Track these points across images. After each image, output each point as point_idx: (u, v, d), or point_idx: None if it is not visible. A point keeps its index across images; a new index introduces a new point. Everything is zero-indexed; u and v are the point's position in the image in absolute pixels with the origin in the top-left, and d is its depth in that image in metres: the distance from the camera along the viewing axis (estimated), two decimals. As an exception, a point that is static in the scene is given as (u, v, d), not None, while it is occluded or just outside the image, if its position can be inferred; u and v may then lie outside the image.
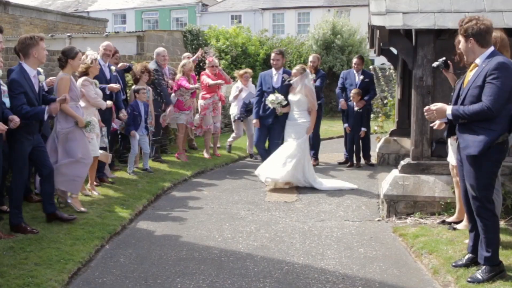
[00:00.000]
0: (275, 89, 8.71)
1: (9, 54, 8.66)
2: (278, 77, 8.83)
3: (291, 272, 5.00)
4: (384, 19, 6.44)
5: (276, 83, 8.81)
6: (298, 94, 8.53)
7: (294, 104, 8.57)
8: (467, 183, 4.59)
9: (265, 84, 8.90)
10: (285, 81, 8.68)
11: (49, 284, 4.55)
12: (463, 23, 4.50)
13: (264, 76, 9.01)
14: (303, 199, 7.87)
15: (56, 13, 21.99)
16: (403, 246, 5.75)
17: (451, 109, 4.53)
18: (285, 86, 8.69)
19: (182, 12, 35.43)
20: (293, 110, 8.60)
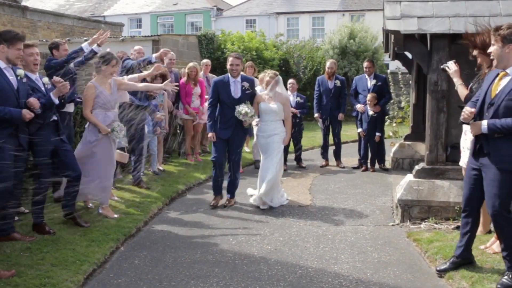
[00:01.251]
0: (236, 100, 7.50)
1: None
2: (236, 86, 7.57)
3: (304, 276, 5.01)
4: (399, 23, 6.44)
5: (235, 92, 7.53)
6: (274, 103, 7.67)
7: (271, 114, 7.67)
8: (490, 192, 4.60)
9: (222, 94, 7.53)
10: (246, 90, 7.58)
11: (65, 284, 4.61)
12: (502, 29, 4.47)
13: (218, 84, 7.63)
14: (317, 203, 7.87)
15: (73, 18, 22.21)
16: (417, 251, 5.73)
17: (487, 123, 4.52)
18: (247, 96, 7.59)
19: (197, 16, 35.57)
20: (268, 121, 7.68)
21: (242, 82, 7.59)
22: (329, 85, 10.62)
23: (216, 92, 7.56)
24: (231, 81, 7.56)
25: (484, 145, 4.62)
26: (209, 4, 35.44)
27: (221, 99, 7.53)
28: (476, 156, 4.73)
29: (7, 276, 4.62)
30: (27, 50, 5.65)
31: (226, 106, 7.50)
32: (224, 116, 7.52)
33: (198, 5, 35.62)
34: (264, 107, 7.67)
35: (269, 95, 7.72)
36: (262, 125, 7.75)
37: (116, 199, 7.50)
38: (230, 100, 7.49)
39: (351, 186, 8.98)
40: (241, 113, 7.37)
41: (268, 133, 7.67)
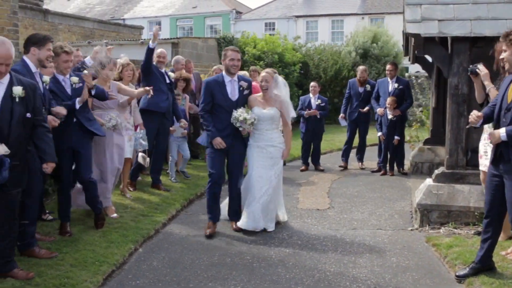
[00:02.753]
0: (234, 103, 6.43)
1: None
2: (233, 86, 6.50)
3: (322, 279, 4.99)
4: (419, 26, 6.40)
5: (232, 94, 6.46)
6: (271, 108, 6.54)
7: (267, 121, 6.50)
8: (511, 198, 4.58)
9: (217, 96, 6.42)
10: (244, 90, 6.55)
11: (84, 285, 4.65)
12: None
13: (211, 84, 6.48)
14: (336, 207, 7.85)
15: (93, 21, 22.43)
16: (436, 256, 5.67)
17: (505, 130, 4.49)
18: (245, 98, 6.57)
19: (217, 19, 35.72)
20: (263, 129, 6.51)
21: (239, 81, 6.57)
22: (359, 89, 10.74)
23: (209, 94, 6.43)
24: (227, 81, 6.49)
25: (504, 152, 4.58)
26: (228, 7, 35.58)
27: (216, 102, 6.42)
28: (497, 163, 4.68)
29: (24, 277, 4.67)
30: (65, 57, 5.82)
31: (222, 111, 6.41)
32: (220, 122, 6.40)
33: (217, 8, 35.77)
34: (258, 112, 6.46)
35: (270, 98, 6.59)
36: (255, 135, 6.56)
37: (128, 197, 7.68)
38: (227, 102, 6.40)
39: (369, 190, 8.93)
40: (238, 120, 6.26)
41: (263, 142, 6.53)
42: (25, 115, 4.53)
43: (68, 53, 5.82)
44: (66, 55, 5.80)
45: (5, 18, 8.56)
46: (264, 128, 6.53)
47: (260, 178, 6.45)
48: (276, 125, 6.69)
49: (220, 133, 6.35)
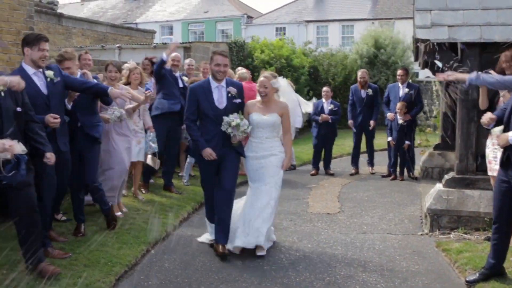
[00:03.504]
0: (221, 111, 5.77)
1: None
2: (221, 93, 5.84)
3: (332, 283, 5.04)
4: (429, 32, 6.44)
5: (219, 101, 5.80)
6: (271, 114, 5.94)
7: (267, 128, 5.94)
8: None
9: (202, 104, 5.79)
10: (233, 97, 5.85)
11: (97, 285, 4.74)
12: None
13: (196, 91, 5.85)
14: (346, 211, 7.89)
15: (106, 25, 22.63)
16: (446, 261, 5.70)
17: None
18: (234, 105, 5.86)
19: (228, 24, 35.87)
20: (262, 137, 5.95)
21: (227, 87, 5.89)
22: (362, 94, 10.79)
23: (194, 102, 5.81)
24: (213, 87, 5.84)
25: (511, 156, 4.60)
26: (240, 12, 35.74)
27: (202, 111, 5.80)
28: (505, 168, 4.71)
29: (50, 271, 4.75)
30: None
31: (208, 120, 5.80)
32: (207, 133, 5.80)
33: (228, 13, 35.94)
34: (257, 119, 5.90)
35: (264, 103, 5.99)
36: (253, 144, 6.00)
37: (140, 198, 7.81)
38: (213, 111, 5.75)
39: (379, 195, 8.96)
40: (230, 125, 5.64)
41: (262, 153, 5.94)
42: (15, 109, 4.57)
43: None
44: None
45: (21, 22, 8.66)
46: (264, 136, 5.96)
47: (260, 191, 5.91)
48: (277, 133, 6.10)
49: (209, 143, 5.74)
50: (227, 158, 5.85)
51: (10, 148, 4.21)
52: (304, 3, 35.47)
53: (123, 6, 41.32)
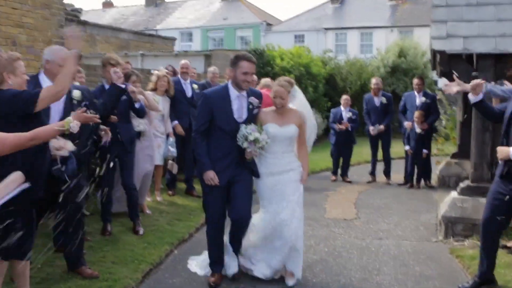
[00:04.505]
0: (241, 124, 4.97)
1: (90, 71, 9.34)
2: (242, 104, 5.04)
3: (348, 284, 5.25)
4: (445, 43, 6.64)
5: (239, 114, 5.01)
6: (289, 125, 5.18)
7: (284, 142, 5.20)
8: None
9: (219, 115, 4.96)
10: (253, 109, 5.09)
11: (125, 281, 5.01)
12: None
13: (212, 99, 5.00)
14: (362, 217, 8.08)
15: (129, 32, 23.07)
16: (459, 267, 5.87)
17: None
18: (253, 118, 5.11)
19: (247, 31, 36.22)
20: (279, 152, 5.18)
21: (248, 98, 5.08)
22: (376, 103, 10.91)
23: (208, 112, 4.96)
24: (233, 96, 5.00)
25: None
26: (259, 19, 36.08)
27: (217, 124, 4.96)
28: (505, 180, 4.88)
29: (89, 275, 5.01)
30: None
31: (222, 134, 4.99)
32: (221, 149, 5.00)
33: (248, 20, 36.29)
34: (274, 131, 5.11)
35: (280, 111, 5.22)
36: (268, 160, 5.19)
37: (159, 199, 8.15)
38: (230, 125, 4.95)
39: (396, 202, 9.14)
40: (247, 139, 4.88)
41: (279, 168, 5.18)
42: None
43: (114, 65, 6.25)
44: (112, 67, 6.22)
45: (53, 31, 9.05)
46: (280, 151, 5.18)
47: (279, 211, 5.12)
48: (294, 146, 5.39)
49: (218, 164, 4.96)
50: (241, 179, 5.05)
51: (64, 146, 4.51)
52: (323, 11, 35.75)
53: (144, 13, 41.96)
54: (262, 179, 5.21)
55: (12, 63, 4.09)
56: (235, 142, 4.93)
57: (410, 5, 32.64)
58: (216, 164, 4.97)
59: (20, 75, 4.15)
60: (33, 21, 8.68)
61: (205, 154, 4.97)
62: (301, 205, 5.28)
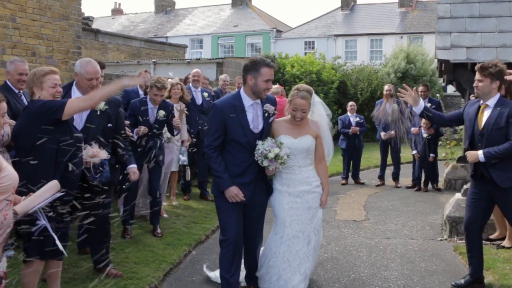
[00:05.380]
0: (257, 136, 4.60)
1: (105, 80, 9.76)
2: (257, 113, 4.65)
3: (357, 279, 5.58)
4: (449, 53, 6.98)
5: (255, 124, 4.61)
6: (305, 136, 4.80)
7: (300, 155, 4.78)
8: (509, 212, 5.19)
9: (232, 127, 4.53)
10: (269, 116, 4.71)
11: (148, 279, 5.36)
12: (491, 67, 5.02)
13: (224, 110, 4.52)
14: (371, 218, 8.40)
15: (140, 40, 23.56)
16: (462, 263, 6.18)
17: (483, 153, 5.06)
18: (269, 127, 4.75)
19: (257, 38, 36.58)
20: (296, 165, 4.79)
21: (263, 105, 4.69)
22: (387, 109, 11.18)
23: (221, 125, 4.52)
24: (248, 105, 4.60)
25: (485, 173, 5.13)
26: (269, 26, 36.43)
27: (231, 137, 4.55)
28: (478, 181, 5.24)
29: (114, 275, 5.34)
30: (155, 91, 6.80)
31: (239, 148, 4.58)
32: (236, 164, 4.60)
33: (258, 27, 36.64)
34: (289, 144, 4.69)
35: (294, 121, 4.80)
36: (283, 175, 4.81)
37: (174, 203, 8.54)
38: (247, 137, 4.55)
39: (404, 204, 9.45)
40: (267, 157, 4.48)
41: (296, 186, 4.79)
42: (106, 125, 5.19)
43: (159, 88, 6.72)
44: (156, 90, 6.69)
45: (70, 42, 9.49)
46: (297, 165, 4.79)
47: (296, 239, 4.79)
48: (311, 160, 4.92)
49: (236, 181, 4.56)
50: (257, 199, 4.77)
51: (98, 154, 4.79)
52: (333, 17, 36.06)
53: (153, 20, 42.36)
54: (277, 197, 4.84)
55: (40, 78, 4.44)
56: (250, 157, 4.56)
57: (419, 12, 32.90)
58: (234, 182, 4.54)
59: (47, 88, 4.43)
60: (52, 32, 9.11)
61: (223, 169, 4.53)
62: (318, 233, 4.96)
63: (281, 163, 4.56)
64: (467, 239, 5.39)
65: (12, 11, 8.03)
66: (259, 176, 4.69)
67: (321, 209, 4.91)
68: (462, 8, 7.24)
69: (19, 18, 8.20)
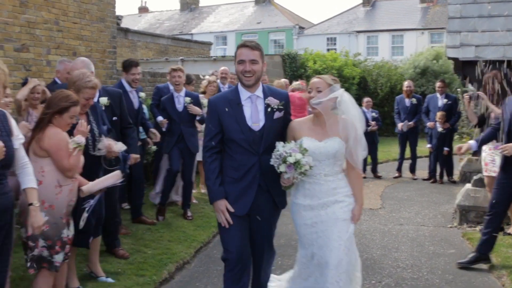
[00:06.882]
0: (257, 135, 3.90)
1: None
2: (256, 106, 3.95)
3: (369, 259, 6.15)
4: (458, 51, 7.46)
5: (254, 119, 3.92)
6: (332, 138, 3.96)
7: (326, 161, 3.96)
8: None
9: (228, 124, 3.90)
10: (273, 111, 3.93)
11: (180, 255, 6.01)
12: None
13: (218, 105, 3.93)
14: (386, 207, 8.93)
15: (167, 37, 24.26)
16: (469, 247, 6.68)
17: None
18: (275, 123, 3.98)
19: (280, 34, 37.06)
20: (321, 173, 3.97)
21: (265, 98, 3.95)
22: (406, 103, 11.69)
23: (215, 122, 3.93)
24: (244, 98, 3.95)
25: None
26: (292, 22, 36.90)
27: (228, 135, 3.92)
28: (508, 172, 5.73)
29: (121, 256, 5.84)
30: (173, 73, 7.42)
31: (237, 148, 3.91)
32: (236, 167, 3.93)
33: (281, 23, 37.13)
34: (311, 147, 3.88)
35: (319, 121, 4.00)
36: (306, 185, 4.01)
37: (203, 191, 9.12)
38: (244, 134, 3.88)
39: (418, 195, 9.95)
40: (285, 161, 3.69)
41: (321, 198, 3.97)
42: (111, 118, 5.70)
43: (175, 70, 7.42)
44: (174, 72, 7.33)
45: (107, 42, 10.17)
46: (322, 173, 3.97)
47: (322, 259, 3.96)
48: (340, 166, 4.07)
49: (233, 188, 3.89)
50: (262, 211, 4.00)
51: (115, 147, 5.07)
52: (355, 14, 36.38)
53: (178, 18, 43.10)
54: (297, 211, 4.07)
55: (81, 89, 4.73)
56: (254, 157, 3.89)
57: (441, 8, 32.99)
58: (230, 189, 3.90)
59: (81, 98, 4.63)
60: (90, 33, 9.79)
61: (214, 178, 3.89)
62: (350, 252, 4.03)
63: (300, 173, 3.73)
64: (489, 217, 5.85)
65: (56, 15, 8.72)
66: (263, 184, 3.91)
67: (352, 224, 4.03)
68: (472, 8, 7.67)
69: (62, 22, 8.89)
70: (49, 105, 4.08)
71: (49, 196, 3.93)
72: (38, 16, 8.41)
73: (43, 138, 3.93)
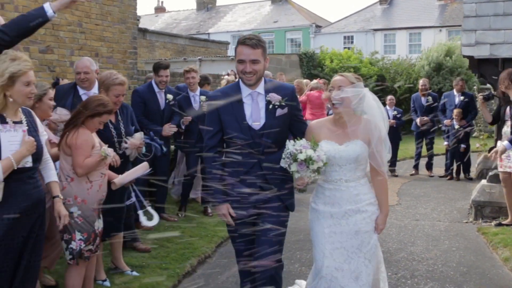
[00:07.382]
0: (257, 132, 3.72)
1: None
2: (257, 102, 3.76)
3: (386, 252, 6.29)
4: (473, 49, 7.57)
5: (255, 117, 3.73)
6: (353, 141, 3.72)
7: (347, 166, 3.74)
8: None
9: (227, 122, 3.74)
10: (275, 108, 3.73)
11: (202, 249, 6.24)
12: None
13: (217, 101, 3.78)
14: (403, 203, 9.07)
15: (185, 37, 24.59)
16: (483, 241, 6.82)
17: None
18: (278, 121, 3.76)
19: (297, 33, 37.15)
20: (342, 179, 3.75)
21: (267, 94, 3.74)
22: (422, 102, 11.82)
23: (215, 120, 3.78)
24: (245, 95, 3.76)
25: None
26: (308, 21, 36.97)
27: (227, 133, 3.75)
28: None
29: (142, 249, 6.10)
30: (187, 74, 7.62)
31: (237, 147, 3.70)
32: (236, 168, 3.74)
33: (297, 22, 37.20)
34: (331, 150, 3.69)
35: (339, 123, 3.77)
36: (326, 191, 3.83)
37: None
38: (244, 133, 3.70)
39: (435, 191, 10.07)
40: (296, 158, 3.49)
41: (341, 206, 3.76)
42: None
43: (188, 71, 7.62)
44: (187, 73, 7.54)
45: (128, 43, 10.45)
46: (343, 179, 3.75)
47: (339, 272, 3.72)
48: (363, 171, 3.84)
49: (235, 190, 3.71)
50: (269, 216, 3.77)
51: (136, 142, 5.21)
52: (372, 12, 36.33)
53: (195, 17, 43.33)
54: (315, 218, 3.87)
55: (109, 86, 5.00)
56: (255, 157, 3.70)
57: (458, 5, 32.74)
58: (231, 191, 3.72)
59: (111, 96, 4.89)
60: (112, 35, 10.09)
61: (216, 180, 3.74)
62: (371, 264, 3.79)
63: (313, 170, 3.49)
64: None
65: (79, 17, 9.02)
66: (265, 185, 3.72)
67: (375, 235, 3.82)
68: (487, 6, 7.76)
69: (85, 24, 9.19)
70: (86, 107, 4.31)
71: (81, 192, 4.17)
72: (62, 19, 8.71)
73: (72, 135, 4.16)
